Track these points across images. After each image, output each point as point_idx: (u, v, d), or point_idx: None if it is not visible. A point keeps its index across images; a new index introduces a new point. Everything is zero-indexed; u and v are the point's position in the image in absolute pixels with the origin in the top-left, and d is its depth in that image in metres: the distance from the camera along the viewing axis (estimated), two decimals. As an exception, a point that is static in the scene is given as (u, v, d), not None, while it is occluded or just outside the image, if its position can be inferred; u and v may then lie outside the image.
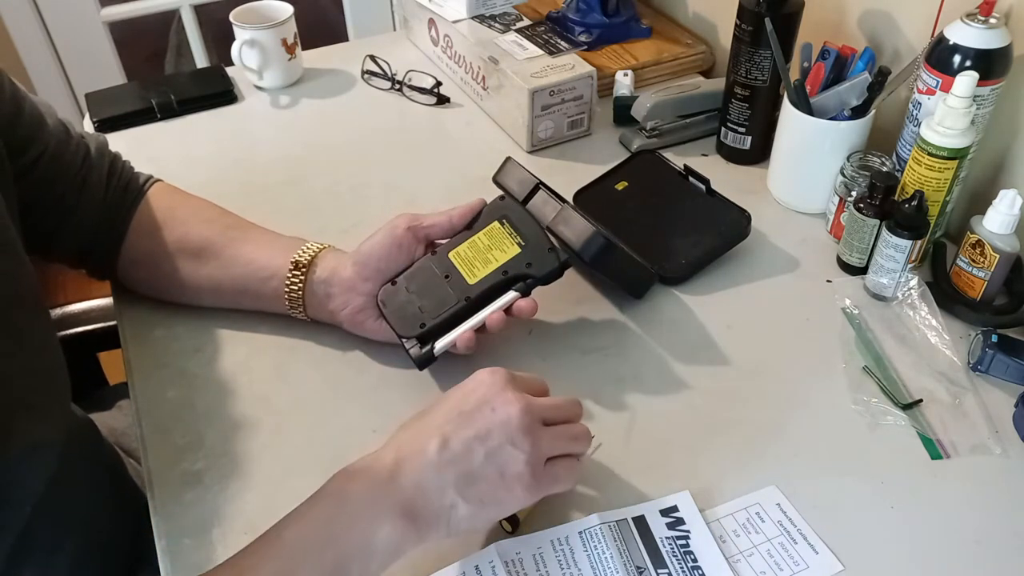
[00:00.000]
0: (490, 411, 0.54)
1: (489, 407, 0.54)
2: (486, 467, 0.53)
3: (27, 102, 0.68)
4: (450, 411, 0.54)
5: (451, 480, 0.52)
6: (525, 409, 0.54)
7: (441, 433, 0.53)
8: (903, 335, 0.75)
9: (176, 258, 0.74)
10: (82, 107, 1.10)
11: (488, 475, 0.53)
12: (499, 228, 0.72)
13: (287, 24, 1.09)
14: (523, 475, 0.53)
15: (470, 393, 0.55)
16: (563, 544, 0.59)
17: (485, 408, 0.54)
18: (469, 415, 0.54)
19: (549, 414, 0.56)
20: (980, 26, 0.72)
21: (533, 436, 0.54)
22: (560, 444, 0.56)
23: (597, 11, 1.10)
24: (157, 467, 0.66)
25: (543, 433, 0.55)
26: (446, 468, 0.52)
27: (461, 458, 0.52)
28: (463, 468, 0.52)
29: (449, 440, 0.53)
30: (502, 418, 0.53)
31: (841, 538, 0.60)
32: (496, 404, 0.54)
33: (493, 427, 0.53)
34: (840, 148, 0.84)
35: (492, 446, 0.53)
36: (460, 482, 0.52)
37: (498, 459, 0.53)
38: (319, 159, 1.01)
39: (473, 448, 0.53)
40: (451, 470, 0.52)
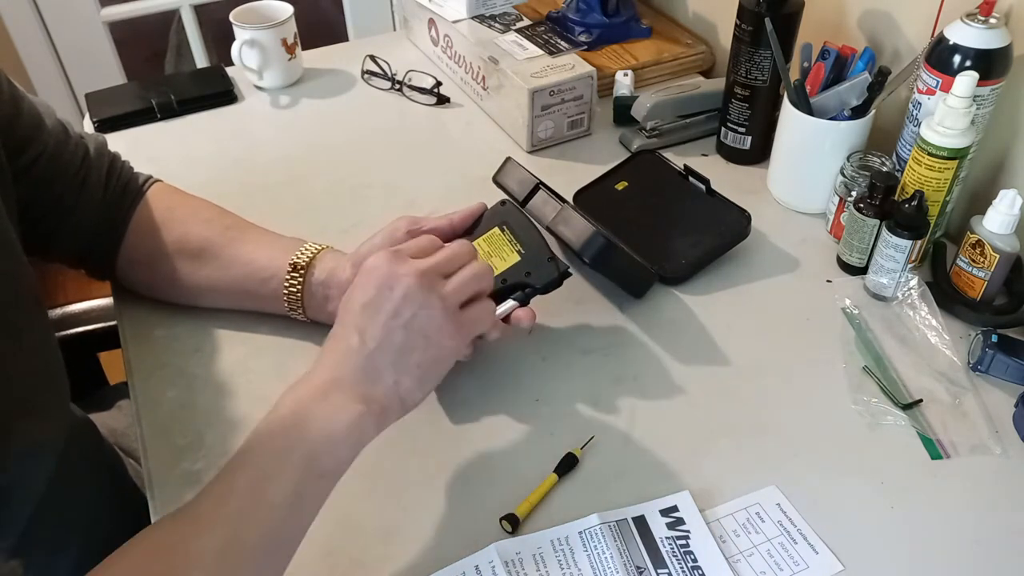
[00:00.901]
0: (388, 291, 0.56)
1: (387, 288, 0.56)
2: (410, 337, 0.56)
3: (25, 102, 0.68)
4: (355, 309, 0.57)
5: (384, 362, 0.55)
6: (419, 274, 0.57)
7: (356, 329, 0.56)
8: (903, 335, 0.75)
9: (175, 258, 0.74)
10: (82, 107, 1.10)
11: (415, 344, 0.56)
12: (499, 235, 0.71)
13: (287, 24, 1.09)
14: (444, 327, 0.57)
15: (366, 284, 0.57)
16: (563, 544, 0.59)
17: (383, 290, 0.56)
18: (373, 304, 0.56)
19: (444, 267, 0.59)
20: (980, 26, 0.72)
21: (437, 291, 0.57)
22: (465, 288, 0.60)
23: (597, 11, 1.10)
24: (157, 467, 0.66)
25: (445, 285, 0.58)
26: (375, 355, 0.55)
27: (384, 341, 0.55)
28: (390, 348, 0.56)
29: (365, 331, 0.56)
30: (402, 292, 0.56)
31: (841, 538, 0.60)
32: (391, 283, 0.56)
33: (399, 303, 0.56)
34: (840, 148, 0.84)
35: (406, 318, 0.56)
36: (394, 360, 0.56)
37: (416, 326, 0.56)
38: (319, 159, 1.01)
39: (390, 327, 0.56)
40: (380, 354, 0.55)
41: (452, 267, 0.60)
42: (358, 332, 0.56)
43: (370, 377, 0.55)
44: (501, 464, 0.66)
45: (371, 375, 0.55)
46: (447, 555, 0.59)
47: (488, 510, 0.62)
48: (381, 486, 0.64)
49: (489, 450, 0.67)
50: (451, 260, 0.60)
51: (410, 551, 0.60)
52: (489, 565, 0.58)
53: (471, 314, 0.60)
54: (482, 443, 0.67)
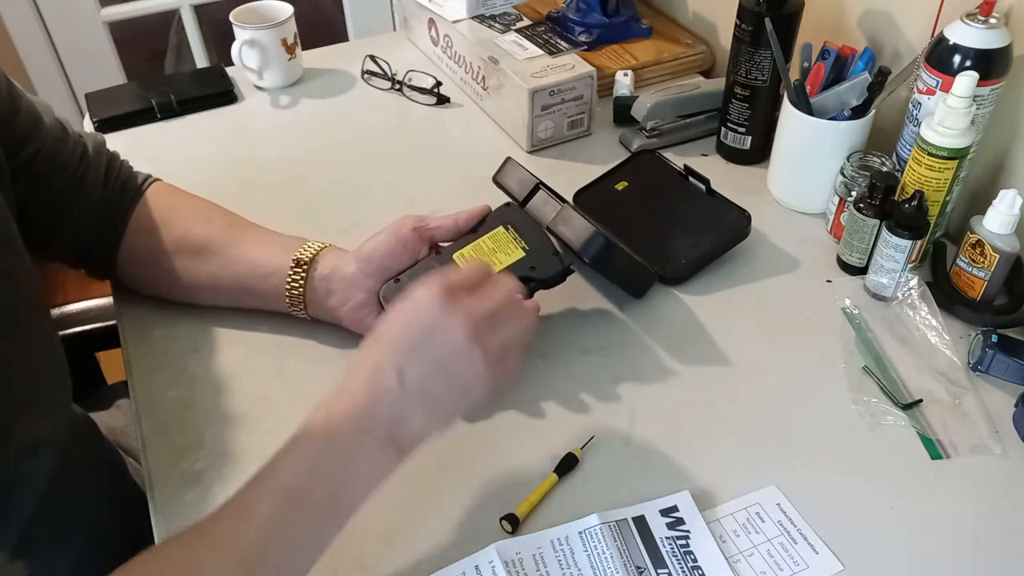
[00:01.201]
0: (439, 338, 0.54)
1: (436, 333, 0.54)
2: (449, 386, 0.55)
3: (23, 100, 0.68)
4: (399, 342, 0.55)
5: (419, 406, 0.54)
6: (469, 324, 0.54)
7: (396, 368, 0.54)
8: (903, 335, 0.75)
9: (176, 256, 0.74)
10: (82, 107, 1.10)
11: (453, 393, 0.55)
12: (503, 233, 0.72)
13: (287, 24, 1.09)
14: (483, 380, 0.55)
15: (412, 321, 0.55)
16: (563, 544, 0.59)
17: (431, 335, 0.54)
18: (419, 346, 0.54)
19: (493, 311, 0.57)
20: (980, 26, 0.72)
21: (483, 344, 0.55)
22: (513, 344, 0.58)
23: (597, 11, 1.10)
24: (157, 467, 0.66)
25: (490, 335, 0.56)
26: (413, 401, 0.54)
27: (421, 388, 0.54)
28: (426, 395, 0.54)
29: (405, 374, 0.54)
30: (452, 344, 0.54)
31: (841, 538, 0.60)
32: (442, 331, 0.54)
33: (444, 351, 0.54)
34: (840, 148, 0.84)
35: (449, 371, 0.54)
36: (428, 407, 0.54)
37: (459, 378, 0.55)
38: (319, 159, 1.01)
39: (431, 375, 0.54)
40: (417, 402, 0.54)
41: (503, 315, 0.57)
42: (397, 372, 0.54)
43: (403, 421, 0.54)
44: (501, 464, 0.66)
45: (404, 419, 0.54)
46: (447, 555, 0.59)
47: (488, 510, 0.62)
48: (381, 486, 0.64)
49: (489, 450, 0.67)
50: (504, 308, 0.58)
51: (410, 551, 0.60)
52: (489, 565, 0.58)
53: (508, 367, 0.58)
54: (482, 443, 0.67)
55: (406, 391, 0.54)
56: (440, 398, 0.55)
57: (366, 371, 0.55)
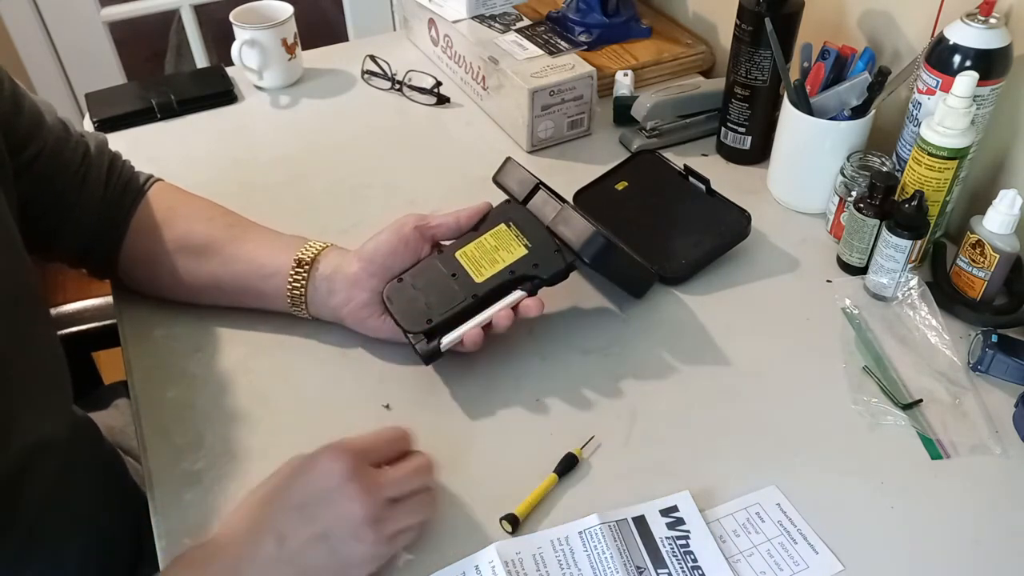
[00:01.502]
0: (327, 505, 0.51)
1: (328, 502, 0.51)
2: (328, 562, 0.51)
3: (26, 100, 0.68)
4: (287, 502, 0.52)
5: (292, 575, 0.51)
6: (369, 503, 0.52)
7: (276, 531, 0.51)
8: (903, 335, 0.75)
9: (177, 256, 0.74)
10: (82, 107, 1.10)
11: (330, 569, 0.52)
12: (505, 230, 0.72)
13: (287, 24, 1.09)
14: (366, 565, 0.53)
15: (309, 484, 0.52)
16: (563, 544, 0.59)
17: (324, 503, 0.51)
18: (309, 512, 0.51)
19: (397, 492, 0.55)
20: (980, 26, 0.72)
21: (377, 527, 0.52)
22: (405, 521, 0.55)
23: (597, 11, 1.10)
24: (157, 467, 0.66)
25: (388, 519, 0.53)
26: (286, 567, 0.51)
27: (300, 557, 0.51)
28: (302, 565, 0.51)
29: (286, 538, 0.51)
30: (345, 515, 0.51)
31: (841, 538, 0.60)
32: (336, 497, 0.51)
33: (332, 524, 0.51)
34: (840, 148, 0.84)
35: (332, 544, 0.51)
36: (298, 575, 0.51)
37: (340, 555, 0.52)
38: (319, 159, 1.01)
39: (314, 545, 0.51)
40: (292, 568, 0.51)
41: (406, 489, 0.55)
42: (277, 537, 0.51)
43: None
44: (501, 464, 0.66)
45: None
46: (447, 555, 0.59)
47: (488, 510, 0.62)
48: (381, 486, 0.64)
49: (489, 450, 0.67)
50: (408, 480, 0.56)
51: (410, 551, 0.60)
52: (489, 565, 0.58)
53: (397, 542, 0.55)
54: (482, 443, 0.67)
55: (282, 558, 0.51)
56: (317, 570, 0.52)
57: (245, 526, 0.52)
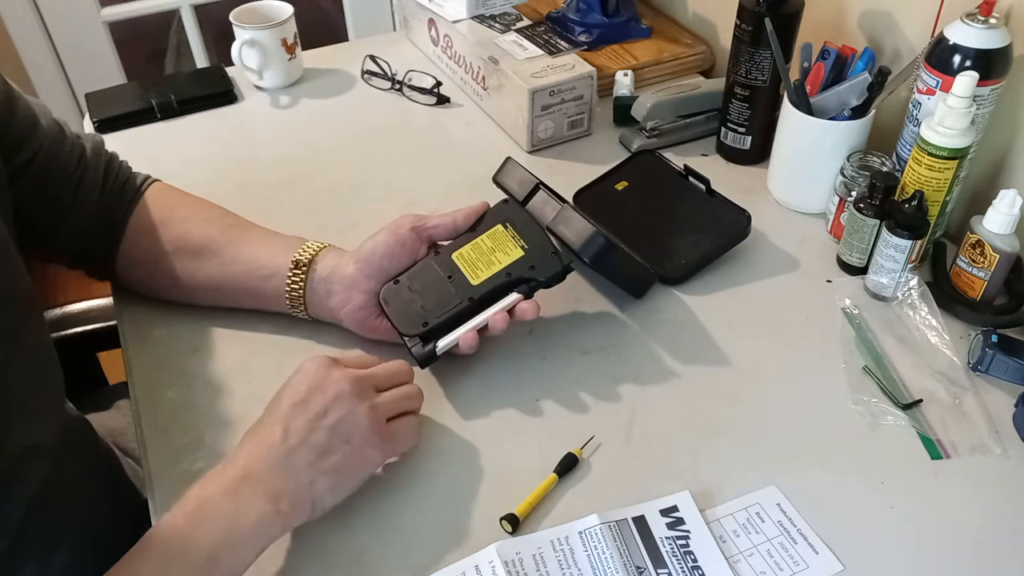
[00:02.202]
0: (321, 393, 0.57)
1: (319, 390, 0.58)
2: (332, 440, 0.57)
3: (21, 102, 0.68)
4: (283, 405, 0.58)
5: (304, 461, 0.56)
6: (354, 381, 0.58)
7: (281, 425, 0.56)
8: (903, 335, 0.75)
9: (175, 257, 0.74)
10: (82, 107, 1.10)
11: (336, 446, 0.57)
12: (502, 231, 0.72)
13: (287, 24, 1.09)
14: (368, 437, 0.58)
15: (299, 384, 0.58)
16: (563, 544, 0.59)
17: (316, 392, 0.57)
18: (303, 403, 0.57)
19: (378, 381, 0.61)
20: (980, 26, 0.72)
21: (368, 401, 0.59)
22: (395, 404, 0.61)
23: (597, 11, 1.10)
24: (157, 467, 0.66)
25: (376, 396, 0.60)
26: (296, 451, 0.56)
27: (306, 439, 0.56)
28: (311, 446, 0.56)
29: (289, 428, 0.56)
30: (334, 394, 0.57)
31: (841, 538, 0.60)
32: (325, 385, 0.58)
33: (328, 404, 0.57)
34: (840, 148, 0.84)
35: (332, 420, 0.57)
36: (313, 460, 0.56)
37: (341, 430, 0.57)
38: (319, 159, 1.01)
39: (315, 427, 0.56)
40: (301, 452, 0.56)
41: (387, 383, 0.62)
42: (282, 427, 0.56)
43: (286, 473, 0.55)
44: (501, 464, 0.66)
45: (287, 471, 0.55)
46: (447, 555, 0.59)
47: (488, 510, 0.62)
48: (381, 486, 0.64)
49: (489, 450, 0.67)
50: (388, 376, 0.62)
51: (410, 551, 0.60)
52: (489, 565, 0.58)
53: (397, 428, 0.61)
54: (482, 443, 0.67)
55: (288, 443, 0.56)
56: (326, 453, 0.56)
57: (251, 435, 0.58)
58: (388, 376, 0.62)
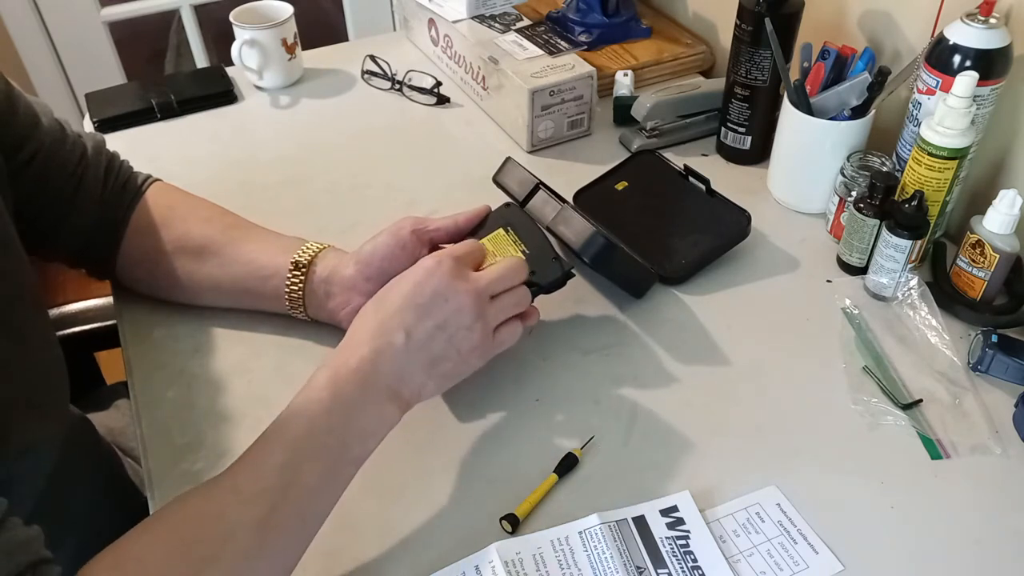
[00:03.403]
0: (443, 302, 0.60)
1: (442, 298, 0.60)
2: (447, 349, 0.60)
3: (22, 101, 0.68)
4: (407, 303, 0.60)
5: (420, 364, 0.60)
6: (474, 294, 0.61)
7: (404, 325, 0.59)
8: (903, 335, 0.75)
9: (176, 257, 0.74)
10: (82, 107, 1.10)
11: (449, 355, 0.61)
12: (503, 235, 0.72)
13: (287, 24, 1.09)
14: (477, 348, 0.62)
15: (423, 284, 0.60)
16: (563, 544, 0.59)
17: (439, 299, 0.60)
18: (426, 307, 0.60)
19: (495, 287, 0.63)
20: (980, 26, 0.72)
21: (483, 318, 0.62)
22: (507, 312, 0.64)
23: (597, 11, 1.10)
24: (157, 467, 0.66)
25: (491, 310, 0.62)
26: (415, 355, 0.59)
27: (425, 346, 0.60)
28: (428, 354, 0.60)
29: (412, 332, 0.59)
30: (455, 307, 0.60)
31: (841, 538, 0.60)
32: (448, 294, 0.60)
33: (449, 316, 0.60)
34: (840, 148, 0.84)
35: (451, 332, 0.60)
36: (428, 365, 0.60)
37: (455, 342, 0.61)
38: (319, 159, 1.01)
39: (434, 336, 0.60)
40: (419, 356, 0.59)
41: (501, 287, 0.63)
42: (404, 330, 0.59)
43: (405, 376, 0.59)
44: (501, 464, 0.66)
45: (406, 374, 0.59)
46: (447, 555, 0.59)
47: (488, 510, 0.62)
48: (381, 486, 0.64)
49: (489, 450, 0.67)
50: (502, 280, 0.64)
51: (410, 551, 0.60)
52: (489, 565, 0.58)
53: (501, 336, 0.64)
54: (482, 443, 0.67)
55: (409, 349, 0.59)
56: (439, 360, 0.60)
57: (371, 328, 0.59)
58: (502, 280, 0.64)
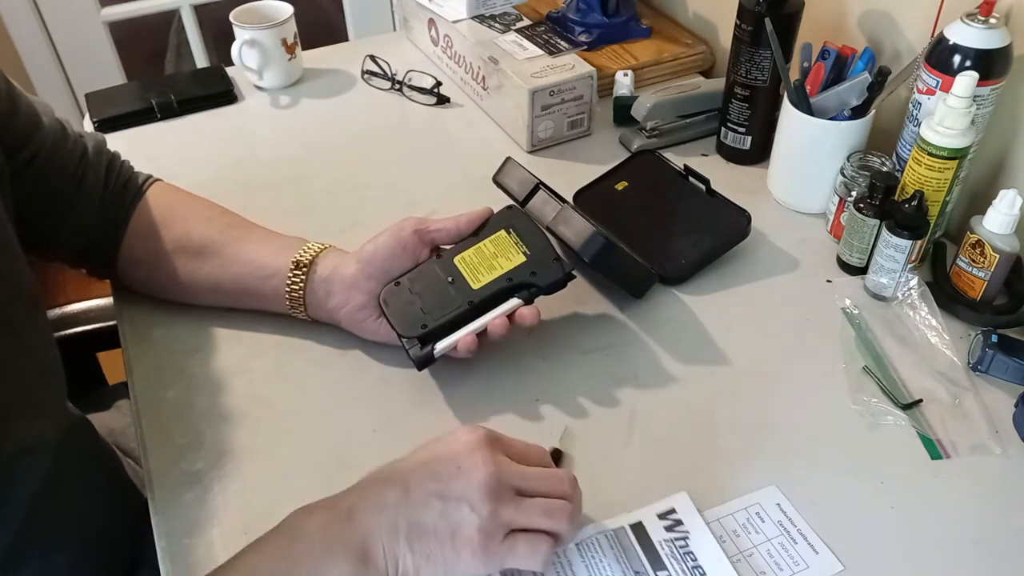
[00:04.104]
0: (455, 468, 0.52)
1: (455, 464, 0.52)
2: (438, 523, 0.51)
3: (23, 100, 0.68)
4: (418, 462, 0.53)
5: (403, 529, 0.51)
6: (493, 474, 0.52)
7: (404, 482, 0.52)
8: (903, 335, 0.75)
9: (176, 257, 0.74)
10: (82, 107, 1.10)
11: (439, 532, 0.51)
12: (505, 237, 0.72)
13: (287, 24, 1.09)
14: (473, 540, 0.51)
15: (443, 447, 0.54)
16: (560, 556, 0.59)
17: (451, 465, 0.52)
18: (436, 470, 0.52)
19: (527, 484, 0.53)
20: (980, 26, 0.72)
21: (495, 504, 0.51)
22: (529, 518, 0.53)
23: (597, 11, 1.10)
24: (157, 467, 0.66)
25: (509, 502, 0.52)
26: (400, 516, 0.51)
27: (416, 509, 0.51)
28: (415, 519, 0.51)
29: (410, 490, 0.52)
30: (465, 479, 0.51)
31: (841, 538, 0.60)
32: (463, 463, 0.52)
33: (455, 485, 0.51)
34: (840, 148, 0.84)
35: (448, 506, 0.51)
36: (411, 533, 0.51)
37: (452, 518, 0.51)
38: (319, 159, 1.01)
39: (430, 503, 0.51)
40: (404, 520, 0.51)
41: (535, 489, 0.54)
42: (402, 487, 0.52)
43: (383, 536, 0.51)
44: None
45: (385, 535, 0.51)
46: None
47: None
48: None
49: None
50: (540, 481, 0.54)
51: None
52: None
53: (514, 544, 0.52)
54: (482, 443, 0.67)
55: (399, 507, 0.51)
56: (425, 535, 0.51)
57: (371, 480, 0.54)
58: (539, 481, 0.54)
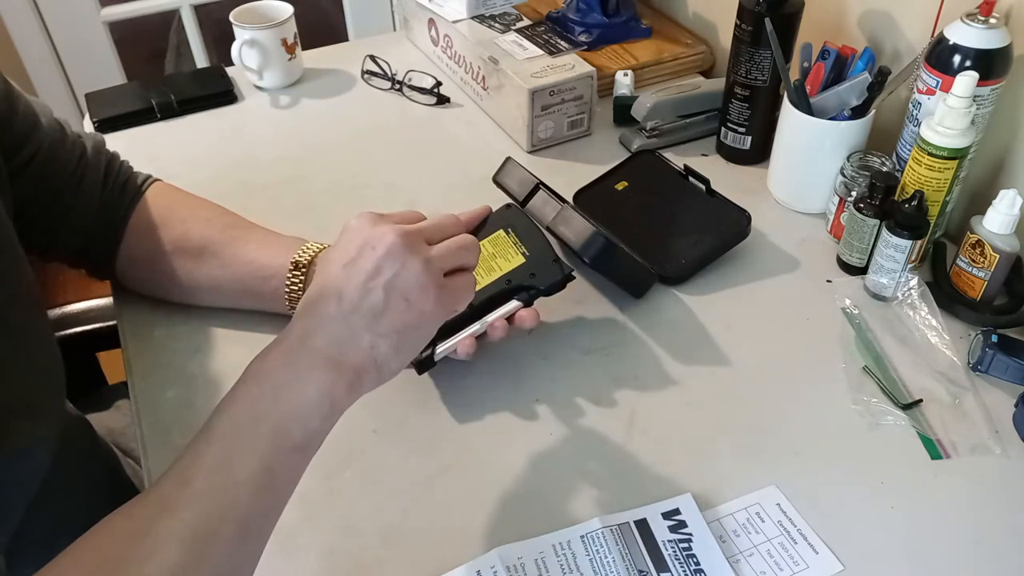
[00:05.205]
0: (371, 250, 0.53)
1: (369, 247, 0.53)
2: (388, 298, 0.52)
3: (22, 101, 0.68)
4: (334, 268, 0.54)
5: (361, 324, 0.52)
6: (402, 234, 0.54)
7: (335, 290, 0.53)
8: (903, 335, 0.75)
9: (175, 257, 0.74)
10: (82, 107, 1.10)
11: (393, 304, 0.52)
12: (504, 237, 0.72)
13: (287, 24, 1.09)
14: (426, 288, 0.53)
15: (347, 244, 0.54)
16: (565, 548, 0.59)
17: (365, 249, 0.53)
18: (353, 263, 0.53)
19: (429, 234, 0.56)
20: (980, 26, 0.72)
21: (421, 253, 0.54)
22: (451, 255, 0.56)
23: (597, 11, 1.10)
24: (157, 467, 0.66)
25: (429, 249, 0.55)
26: (351, 316, 0.52)
27: (361, 301, 0.52)
28: (366, 308, 0.52)
29: (343, 292, 0.52)
30: (384, 249, 0.53)
31: (841, 538, 0.60)
32: (371, 241, 0.53)
33: (380, 261, 0.52)
34: (840, 148, 0.84)
35: (386, 278, 0.52)
36: (370, 322, 0.52)
37: (396, 286, 0.52)
38: (319, 159, 1.01)
39: (369, 288, 0.52)
40: (356, 316, 0.52)
41: (439, 235, 0.57)
42: (335, 294, 0.52)
43: (345, 341, 0.52)
44: (501, 464, 0.66)
45: (346, 339, 0.52)
46: (447, 557, 0.59)
47: (489, 513, 0.62)
48: (381, 487, 0.64)
49: (489, 450, 0.67)
50: (438, 229, 0.57)
51: (410, 553, 0.60)
52: (491, 570, 0.57)
53: (455, 282, 0.56)
54: (482, 443, 0.67)
55: (344, 312, 0.52)
56: (384, 313, 0.52)
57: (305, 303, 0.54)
58: (438, 229, 0.57)
